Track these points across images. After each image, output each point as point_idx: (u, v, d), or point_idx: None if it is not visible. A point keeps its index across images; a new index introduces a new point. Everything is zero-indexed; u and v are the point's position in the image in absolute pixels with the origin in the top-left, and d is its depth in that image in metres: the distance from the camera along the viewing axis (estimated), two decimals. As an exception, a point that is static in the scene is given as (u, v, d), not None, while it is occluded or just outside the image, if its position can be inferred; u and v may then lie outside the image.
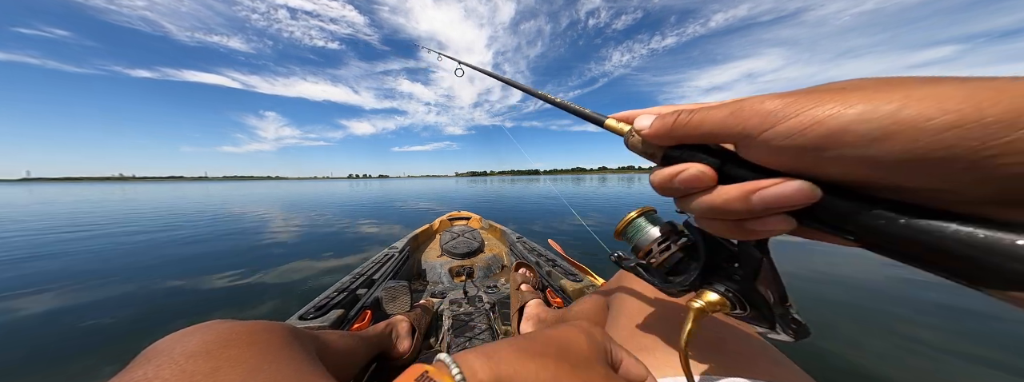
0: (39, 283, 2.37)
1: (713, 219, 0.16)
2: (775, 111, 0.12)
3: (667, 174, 0.16)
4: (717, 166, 0.15)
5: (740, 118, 0.13)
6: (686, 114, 0.15)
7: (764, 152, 0.13)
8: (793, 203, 0.13)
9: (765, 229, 0.14)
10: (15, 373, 1.26)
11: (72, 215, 6.86)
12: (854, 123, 0.10)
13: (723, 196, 0.14)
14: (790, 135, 0.12)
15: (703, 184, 0.15)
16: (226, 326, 0.28)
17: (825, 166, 0.12)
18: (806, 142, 0.11)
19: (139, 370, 0.23)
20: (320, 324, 0.77)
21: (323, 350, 0.40)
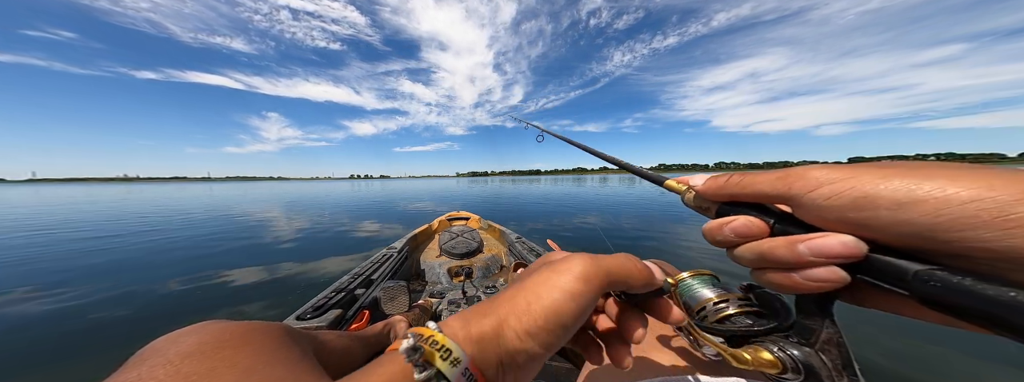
0: (46, 282, 2.35)
1: (762, 268, 0.17)
2: (819, 176, 0.14)
3: (718, 223, 0.18)
4: (768, 222, 0.16)
5: (787, 181, 0.15)
6: (738, 176, 0.17)
7: (810, 212, 0.15)
8: (839, 253, 0.14)
9: (814, 278, 0.15)
10: (21, 370, 1.25)
11: (82, 215, 6.82)
12: (887, 190, 0.12)
13: (770, 244, 0.16)
14: (830, 196, 0.13)
15: (752, 233, 0.17)
16: (221, 326, 0.28)
17: (866, 229, 0.13)
18: (845, 203, 0.13)
19: (133, 371, 0.23)
20: (318, 324, 0.76)
21: (320, 350, 0.40)
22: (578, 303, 0.16)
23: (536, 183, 34.38)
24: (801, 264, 0.15)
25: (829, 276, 0.14)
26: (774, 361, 0.18)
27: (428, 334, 0.15)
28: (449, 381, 0.14)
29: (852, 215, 0.13)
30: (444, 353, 0.14)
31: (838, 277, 0.14)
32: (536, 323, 0.15)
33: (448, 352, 0.14)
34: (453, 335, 0.15)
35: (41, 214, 7.09)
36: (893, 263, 0.13)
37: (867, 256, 0.13)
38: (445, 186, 31.28)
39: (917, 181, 0.12)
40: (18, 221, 5.86)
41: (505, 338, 0.16)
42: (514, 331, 0.16)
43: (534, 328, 0.15)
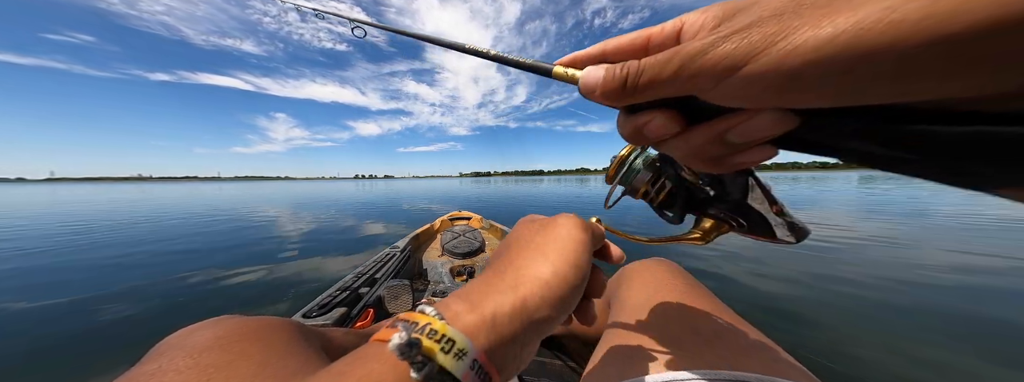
0: (63, 279, 2.39)
1: (693, 158, 0.15)
2: (726, 61, 0.10)
3: (632, 124, 0.15)
4: (682, 111, 0.14)
5: (691, 73, 0.11)
6: (633, 74, 0.13)
7: (724, 99, 0.12)
8: (769, 133, 0.12)
9: (748, 161, 0.14)
10: (40, 364, 1.28)
11: (101, 213, 6.93)
12: (815, 57, 0.09)
13: (698, 139, 0.14)
14: (748, 82, 0.10)
15: (672, 131, 0.14)
16: (237, 321, 0.29)
17: (794, 102, 0.10)
18: (767, 85, 0.10)
19: (154, 363, 0.24)
20: (323, 322, 0.77)
21: (328, 347, 0.41)
22: (589, 250, 0.16)
23: (539, 183, 34.34)
24: (732, 150, 0.13)
25: (763, 155, 0.13)
26: (718, 222, 0.22)
27: (425, 322, 0.12)
28: (457, 378, 0.11)
29: (778, 98, 0.10)
30: (446, 345, 0.12)
31: (770, 154, 0.13)
32: (565, 285, 0.15)
33: (450, 343, 0.12)
34: (455, 320, 0.13)
35: (63, 213, 7.21)
36: (825, 126, 0.11)
37: (797, 127, 0.12)
38: (448, 186, 31.34)
39: (866, 20, 0.08)
40: (42, 220, 5.96)
41: (529, 308, 0.14)
42: (541, 299, 0.14)
43: (565, 290, 0.15)
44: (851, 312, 1.59)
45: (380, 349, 0.12)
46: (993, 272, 2.13)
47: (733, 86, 0.10)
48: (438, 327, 0.12)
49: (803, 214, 4.09)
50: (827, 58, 0.08)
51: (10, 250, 3.45)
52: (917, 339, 1.34)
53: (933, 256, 2.52)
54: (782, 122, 0.12)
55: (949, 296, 1.76)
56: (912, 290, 1.86)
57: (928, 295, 1.78)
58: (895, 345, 1.29)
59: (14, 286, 2.28)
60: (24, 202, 11.07)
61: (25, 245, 3.70)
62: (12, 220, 5.82)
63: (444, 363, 0.11)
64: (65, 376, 1.22)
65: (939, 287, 1.90)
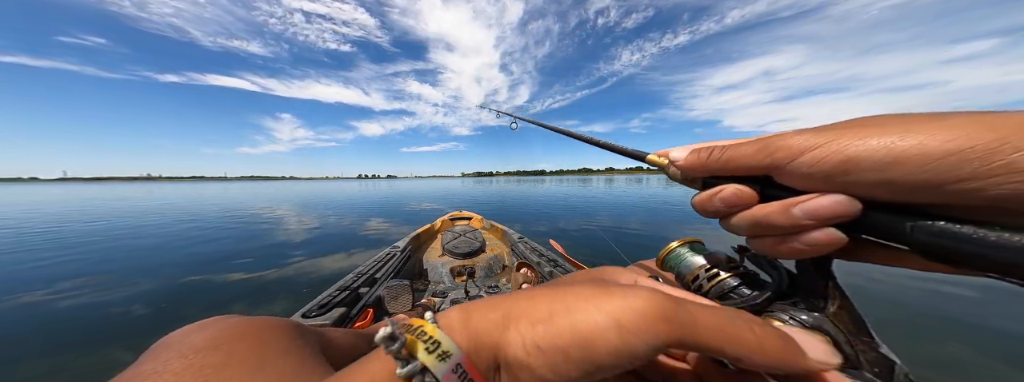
0: (70, 277, 2.40)
1: (758, 236, 0.16)
2: (800, 144, 0.13)
3: (707, 194, 0.17)
4: (756, 189, 0.16)
5: (768, 151, 0.14)
6: (719, 149, 0.17)
7: (795, 180, 0.14)
8: (834, 213, 0.14)
9: (811, 241, 0.14)
10: (42, 362, 1.28)
11: (109, 213, 6.96)
12: (868, 151, 0.12)
13: (764, 210, 0.15)
14: (814, 164, 0.13)
15: (742, 202, 0.16)
16: (234, 321, 0.29)
17: (853, 190, 0.13)
18: (829, 168, 0.13)
19: (148, 363, 0.24)
20: (322, 322, 0.77)
21: (327, 347, 0.40)
22: (624, 341, 0.11)
23: (541, 183, 34.35)
24: (797, 228, 0.15)
25: (827, 239, 0.14)
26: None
27: (417, 324, 0.13)
28: (437, 378, 0.12)
29: (839, 179, 0.13)
30: (430, 345, 0.12)
31: (836, 239, 0.14)
32: (553, 339, 0.12)
33: (436, 344, 0.12)
34: (448, 327, 0.13)
35: (72, 212, 7.25)
36: (888, 219, 0.13)
37: (862, 214, 0.13)
38: (450, 186, 31.38)
39: (898, 137, 0.12)
40: (49, 220, 5.99)
41: (508, 342, 0.13)
42: (521, 337, 0.12)
43: (548, 344, 0.12)
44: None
45: (380, 351, 0.13)
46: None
47: (800, 164, 0.13)
48: (428, 329, 0.12)
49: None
50: (876, 151, 0.12)
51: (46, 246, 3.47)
52: (926, 340, 1.32)
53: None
54: (845, 204, 0.13)
55: (961, 300, 1.74)
56: (920, 292, 1.84)
57: (940, 298, 1.77)
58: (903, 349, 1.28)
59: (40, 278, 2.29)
60: (44, 201, 11.14)
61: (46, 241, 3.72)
62: (41, 218, 5.86)
63: (425, 361, 0.12)
64: (76, 363, 1.23)
65: (951, 292, 1.88)
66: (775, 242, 0.16)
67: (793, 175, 0.14)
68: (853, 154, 0.12)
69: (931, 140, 0.11)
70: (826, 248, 0.14)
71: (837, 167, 0.13)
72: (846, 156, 0.12)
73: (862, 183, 0.13)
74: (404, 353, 0.12)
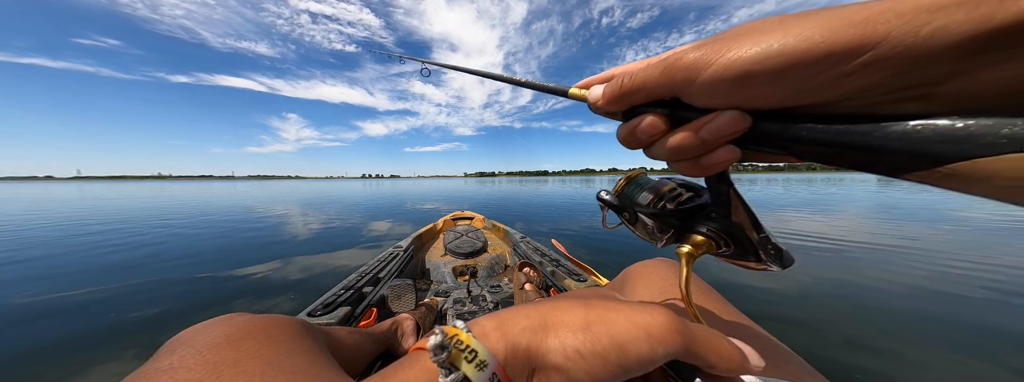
0: (80, 275, 2.45)
1: (677, 160, 0.18)
2: (695, 63, 0.14)
3: (628, 127, 0.18)
4: (668, 114, 0.17)
5: (670, 74, 0.15)
6: (628, 79, 0.17)
7: (699, 98, 0.15)
8: (731, 130, 0.15)
9: (718, 160, 0.16)
10: (56, 357, 1.31)
11: (120, 211, 7.07)
12: (755, 63, 0.13)
13: (677, 138, 0.17)
14: (712, 81, 0.14)
15: (658, 130, 0.17)
16: (245, 319, 0.29)
17: (747, 100, 0.14)
18: (725, 85, 0.14)
19: (164, 360, 0.24)
20: (327, 321, 0.78)
21: (333, 345, 0.41)
22: (652, 349, 0.13)
23: (544, 184, 34.33)
24: (704, 148, 0.16)
25: (728, 156, 0.16)
26: (706, 240, 0.20)
27: (452, 333, 0.14)
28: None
29: (735, 94, 0.14)
30: (469, 355, 0.13)
31: (734, 155, 0.16)
32: (593, 346, 0.13)
33: (473, 353, 0.13)
34: (482, 336, 0.14)
35: (87, 209, 7.36)
36: (771, 127, 0.15)
37: (752, 126, 0.15)
38: (452, 186, 31.47)
39: (777, 42, 0.12)
40: (58, 218, 6.09)
41: (548, 349, 0.14)
42: (562, 344, 0.14)
43: (588, 351, 0.13)
44: (867, 318, 1.56)
45: (419, 355, 0.14)
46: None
47: (701, 85, 0.14)
48: (463, 338, 0.14)
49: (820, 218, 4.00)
50: (759, 63, 0.12)
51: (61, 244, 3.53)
52: (934, 347, 1.32)
53: (960, 260, 2.48)
54: (740, 120, 0.15)
55: (974, 305, 1.73)
56: (931, 296, 1.83)
57: (952, 303, 1.75)
58: (913, 353, 1.27)
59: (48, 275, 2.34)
60: (57, 198, 11.31)
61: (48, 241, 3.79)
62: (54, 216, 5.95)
63: (466, 371, 0.13)
64: (87, 363, 1.26)
65: (964, 295, 1.86)
66: (689, 165, 0.17)
67: (696, 95, 0.15)
68: (743, 69, 0.13)
69: (804, 43, 0.12)
70: (729, 163, 0.16)
71: (733, 84, 0.13)
72: (738, 72, 0.13)
73: (754, 95, 0.14)
74: (448, 362, 0.13)
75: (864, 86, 0.11)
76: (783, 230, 3.88)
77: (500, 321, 0.15)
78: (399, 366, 0.15)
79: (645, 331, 0.13)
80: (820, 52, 0.11)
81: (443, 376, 0.13)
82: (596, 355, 0.13)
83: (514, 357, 0.14)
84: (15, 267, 2.75)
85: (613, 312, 0.15)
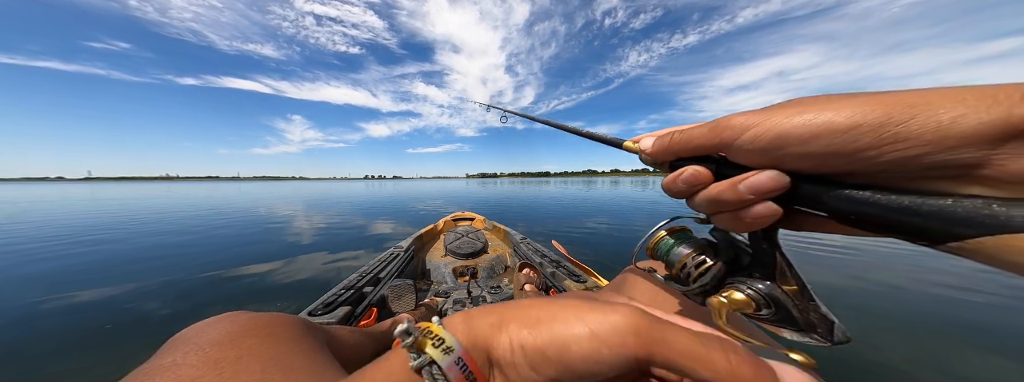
0: (87, 274, 2.48)
1: (717, 212, 0.19)
2: (742, 124, 0.16)
3: (672, 177, 0.20)
4: (712, 168, 0.18)
5: (717, 132, 0.17)
6: (678, 134, 0.19)
7: (740, 155, 0.17)
8: (770, 187, 0.16)
9: (757, 214, 0.17)
10: (58, 357, 1.32)
11: (126, 211, 7.16)
12: (792, 128, 0.14)
13: (718, 188, 0.18)
14: (753, 140, 0.15)
15: (700, 180, 0.18)
16: (247, 317, 0.30)
17: (786, 161, 0.15)
18: (765, 144, 0.15)
19: (168, 356, 0.25)
20: (328, 320, 0.79)
21: (333, 344, 0.42)
22: (594, 349, 0.13)
23: (545, 184, 34.29)
24: (744, 203, 0.17)
25: (766, 212, 0.17)
26: (747, 300, 0.19)
27: (425, 325, 0.15)
28: (441, 368, 0.14)
29: (773, 153, 0.15)
30: (436, 341, 0.14)
31: (773, 210, 0.16)
32: (534, 341, 0.14)
33: (440, 340, 0.14)
34: (451, 327, 0.15)
35: (93, 210, 7.46)
36: (812, 189, 0.16)
37: (792, 186, 0.16)
38: (454, 187, 31.53)
39: (814, 115, 0.14)
40: (68, 218, 6.17)
41: (499, 343, 0.14)
42: (509, 339, 0.14)
43: (530, 345, 0.14)
44: (871, 322, 1.55)
45: (397, 349, 0.15)
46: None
47: (743, 142, 0.16)
48: (433, 329, 0.15)
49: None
50: (795, 127, 0.14)
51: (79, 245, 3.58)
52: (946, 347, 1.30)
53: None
54: (778, 178, 0.16)
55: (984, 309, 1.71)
56: (941, 299, 1.80)
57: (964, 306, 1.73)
58: (922, 357, 1.26)
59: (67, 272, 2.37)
60: (68, 197, 11.45)
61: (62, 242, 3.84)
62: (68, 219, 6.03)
63: (432, 354, 0.14)
64: (95, 359, 1.27)
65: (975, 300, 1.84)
66: (730, 217, 0.18)
67: (738, 151, 0.16)
68: (781, 131, 0.15)
69: (836, 116, 0.13)
70: (768, 219, 0.17)
71: (771, 143, 0.15)
72: (776, 133, 0.15)
73: (790, 156, 0.15)
74: (415, 347, 0.14)
75: (897, 160, 0.12)
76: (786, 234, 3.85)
77: (468, 315, 0.16)
78: (383, 357, 0.16)
79: (590, 330, 0.13)
80: (848, 123, 0.13)
81: (412, 360, 0.14)
82: (537, 351, 0.13)
83: (474, 348, 0.15)
84: (28, 268, 2.79)
85: (567, 310, 0.14)
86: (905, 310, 1.65)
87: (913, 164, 0.12)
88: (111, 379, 1.01)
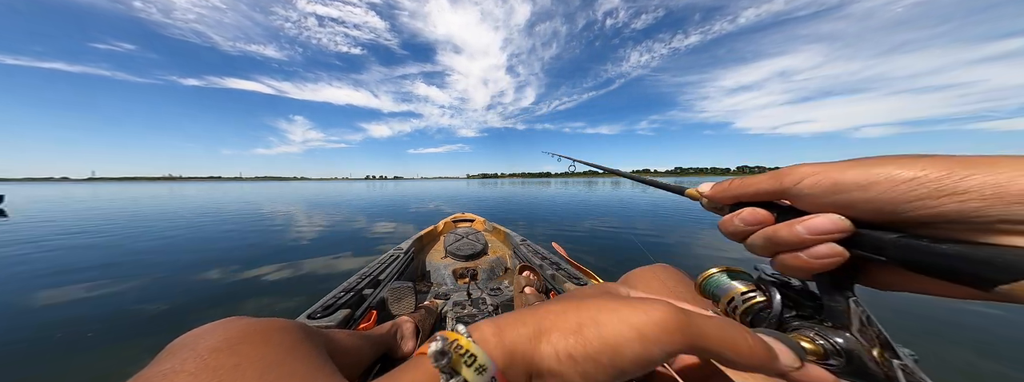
0: (88, 276, 2.48)
1: (773, 254, 0.19)
2: (804, 171, 0.17)
3: (730, 216, 0.20)
4: (771, 211, 0.19)
5: (778, 178, 0.18)
6: (739, 179, 0.20)
7: (801, 200, 0.17)
8: (828, 228, 0.16)
9: (817, 254, 0.17)
10: (58, 361, 1.32)
11: (127, 213, 7.17)
12: (853, 176, 0.15)
13: (774, 229, 0.18)
14: (813, 185, 0.16)
15: (759, 220, 0.19)
16: (245, 323, 0.30)
17: (846, 208, 0.16)
18: (825, 189, 0.16)
19: (166, 363, 0.25)
20: (327, 323, 0.79)
21: (332, 348, 0.42)
22: (646, 350, 0.13)
23: (546, 186, 34.31)
24: (802, 243, 0.17)
25: (829, 252, 0.16)
26: (816, 349, 0.18)
27: (453, 338, 0.14)
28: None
29: (831, 198, 0.16)
30: (468, 359, 0.13)
31: (836, 252, 0.16)
32: (585, 349, 0.13)
33: (473, 358, 0.13)
34: (482, 341, 0.14)
35: (96, 211, 7.47)
36: (873, 234, 0.16)
37: (856, 231, 0.16)
38: (455, 188, 31.54)
39: (872, 167, 0.15)
40: (71, 219, 6.19)
41: (541, 354, 0.14)
42: (554, 349, 0.14)
43: (581, 354, 0.13)
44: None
45: (421, 360, 0.14)
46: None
47: (803, 187, 0.17)
48: (463, 343, 0.14)
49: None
50: (854, 176, 0.15)
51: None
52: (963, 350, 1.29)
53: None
54: (839, 221, 0.16)
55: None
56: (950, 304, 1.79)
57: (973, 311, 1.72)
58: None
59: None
60: (71, 197, 11.49)
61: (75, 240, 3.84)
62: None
63: (466, 375, 0.13)
64: (94, 361, 1.27)
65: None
66: (789, 258, 0.18)
67: (798, 196, 0.17)
68: (840, 179, 0.15)
69: (896, 169, 0.14)
70: (830, 260, 0.16)
71: (830, 188, 0.16)
72: (834, 179, 0.16)
73: (849, 202, 0.16)
74: (448, 367, 0.13)
75: (955, 211, 0.13)
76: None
77: (498, 327, 0.15)
78: (402, 370, 0.15)
79: (638, 331, 0.13)
80: (909, 175, 0.14)
81: (444, 380, 0.13)
82: (588, 358, 0.13)
83: (511, 363, 0.14)
84: (24, 268, 2.79)
85: (605, 312, 0.14)
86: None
87: (971, 216, 0.13)
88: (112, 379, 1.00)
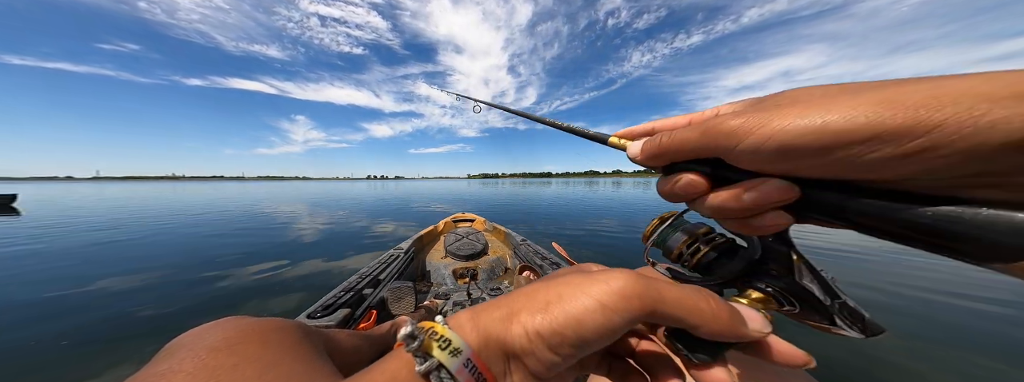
0: (90, 275, 2.49)
1: (721, 219, 0.17)
2: (736, 130, 0.14)
3: (667, 184, 0.18)
4: (708, 173, 0.17)
5: (710, 138, 0.15)
6: (667, 137, 0.17)
7: (741, 162, 0.15)
8: (776, 199, 0.15)
9: (766, 224, 0.16)
10: (57, 360, 1.33)
11: (131, 212, 7.21)
12: (794, 137, 0.12)
13: (719, 199, 0.16)
14: (755, 150, 0.14)
15: (697, 190, 0.17)
16: (243, 322, 0.30)
17: (794, 171, 0.14)
18: (767, 155, 0.13)
19: (164, 363, 0.25)
20: (327, 323, 0.79)
21: (331, 348, 0.42)
22: (607, 318, 0.13)
23: (547, 185, 34.29)
24: (748, 213, 0.16)
25: (779, 220, 0.15)
26: (767, 297, 0.19)
27: (429, 326, 0.15)
28: (450, 372, 0.13)
29: (780, 165, 0.14)
30: (442, 343, 0.14)
31: (786, 220, 0.15)
32: (550, 324, 0.14)
33: (447, 342, 0.14)
34: (458, 327, 0.15)
35: (98, 212, 7.52)
36: (826, 198, 0.14)
37: (803, 195, 0.14)
38: (456, 187, 31.58)
39: (820, 117, 0.12)
40: (71, 219, 6.22)
41: (512, 334, 0.14)
42: (523, 327, 0.14)
43: (547, 330, 0.14)
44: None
45: (400, 351, 0.15)
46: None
47: (742, 151, 0.14)
48: (439, 330, 0.14)
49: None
50: (801, 137, 0.12)
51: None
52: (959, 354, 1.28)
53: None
54: (787, 190, 0.14)
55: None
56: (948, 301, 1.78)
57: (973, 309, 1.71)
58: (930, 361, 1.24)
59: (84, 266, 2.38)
60: (74, 196, 11.55)
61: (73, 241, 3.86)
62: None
63: (440, 357, 0.13)
64: (100, 358, 1.28)
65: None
66: (737, 224, 0.17)
67: (738, 159, 0.15)
68: (786, 141, 0.13)
69: (849, 121, 0.11)
70: (778, 228, 0.16)
71: (776, 153, 0.13)
72: (780, 142, 0.13)
73: (800, 168, 0.13)
74: (421, 351, 0.14)
75: (925, 169, 0.11)
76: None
77: (474, 313, 0.16)
78: (383, 360, 0.15)
79: (598, 301, 0.13)
80: (866, 133, 0.11)
81: (419, 364, 0.13)
82: (554, 333, 0.14)
83: (486, 345, 0.14)
84: (15, 265, 2.81)
85: (569, 287, 0.15)
86: (922, 314, 1.63)
87: (942, 172, 0.11)
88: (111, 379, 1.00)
